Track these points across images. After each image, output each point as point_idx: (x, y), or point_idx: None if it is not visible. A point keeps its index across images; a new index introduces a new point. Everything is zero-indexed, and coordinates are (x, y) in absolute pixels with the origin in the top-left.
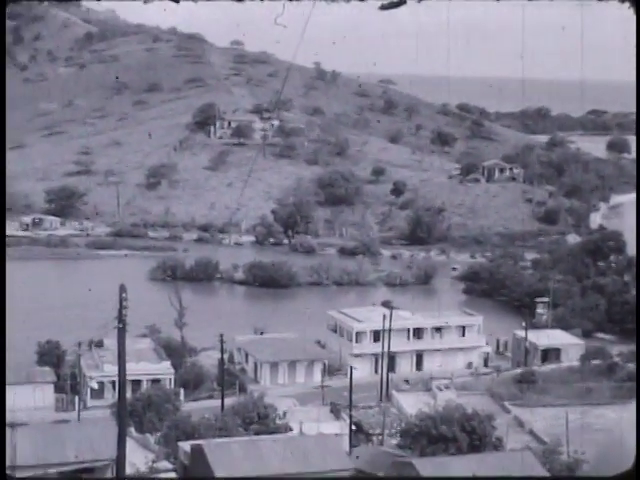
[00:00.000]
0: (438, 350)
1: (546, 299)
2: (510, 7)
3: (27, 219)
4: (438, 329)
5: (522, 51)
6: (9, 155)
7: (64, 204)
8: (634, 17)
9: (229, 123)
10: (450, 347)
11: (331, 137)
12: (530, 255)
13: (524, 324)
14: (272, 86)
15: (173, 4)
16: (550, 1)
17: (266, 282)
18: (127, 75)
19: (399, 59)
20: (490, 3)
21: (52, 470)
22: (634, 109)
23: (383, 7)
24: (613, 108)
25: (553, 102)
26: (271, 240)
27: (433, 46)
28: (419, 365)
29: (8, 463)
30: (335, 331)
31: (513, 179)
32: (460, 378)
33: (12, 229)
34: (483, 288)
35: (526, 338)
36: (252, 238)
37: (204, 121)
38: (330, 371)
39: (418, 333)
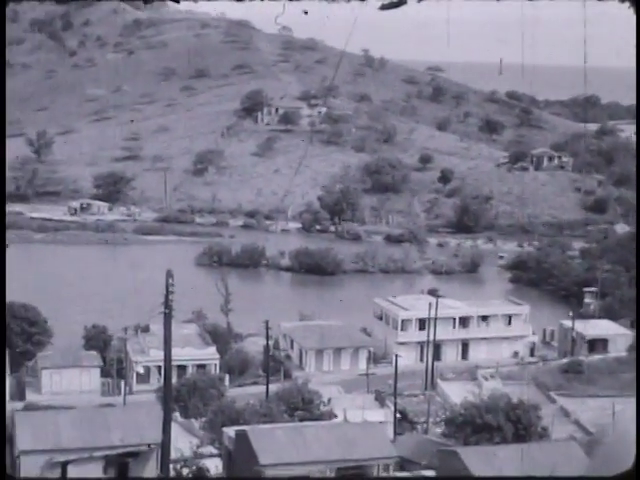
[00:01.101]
0: (484, 339)
1: (594, 289)
2: None
3: (75, 204)
4: (484, 318)
5: (573, 40)
6: (58, 139)
7: (112, 189)
8: (634, 17)
9: (276, 110)
10: (496, 336)
11: (378, 124)
12: (578, 244)
13: (571, 314)
14: (320, 73)
15: None
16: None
17: (312, 269)
18: (175, 61)
19: (447, 46)
20: None
21: (97, 453)
22: None
23: (383, 7)
24: None
25: (603, 90)
26: (317, 227)
27: (483, 34)
28: (465, 354)
29: (51, 446)
30: (381, 319)
31: (562, 167)
32: (506, 367)
33: (60, 214)
34: (530, 277)
35: (573, 328)
36: (298, 225)
37: (252, 107)
38: (375, 359)
39: (464, 322)
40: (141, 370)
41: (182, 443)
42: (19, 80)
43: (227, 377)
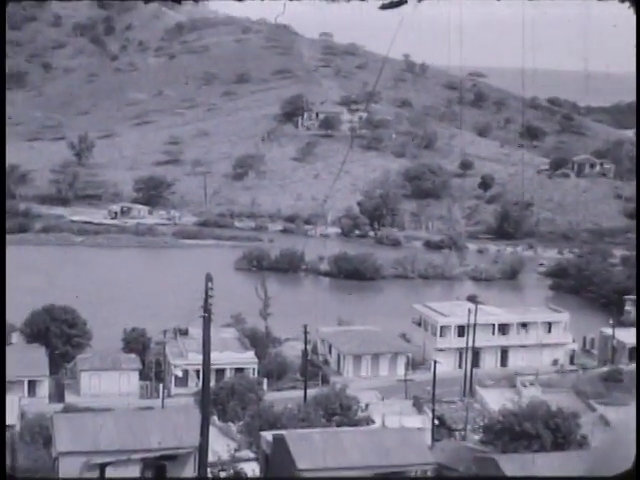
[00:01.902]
0: (523, 346)
1: (634, 297)
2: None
3: (116, 207)
4: (524, 325)
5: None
6: (99, 143)
7: (152, 193)
8: (634, 17)
9: (317, 114)
10: (536, 343)
11: (419, 130)
12: (619, 252)
13: (612, 322)
14: (361, 78)
15: None
16: (552, 0)
17: (351, 274)
18: (216, 66)
19: (489, 52)
20: None
21: (135, 456)
22: None
23: (383, 7)
24: None
25: None
26: (357, 232)
27: (525, 39)
28: (504, 361)
29: (90, 448)
30: (420, 325)
31: (603, 175)
32: (545, 375)
33: (100, 217)
34: (570, 284)
35: (613, 336)
36: (338, 230)
37: (292, 112)
38: (414, 365)
39: (503, 329)
40: (180, 373)
41: (220, 446)
42: (61, 84)
43: (265, 381)
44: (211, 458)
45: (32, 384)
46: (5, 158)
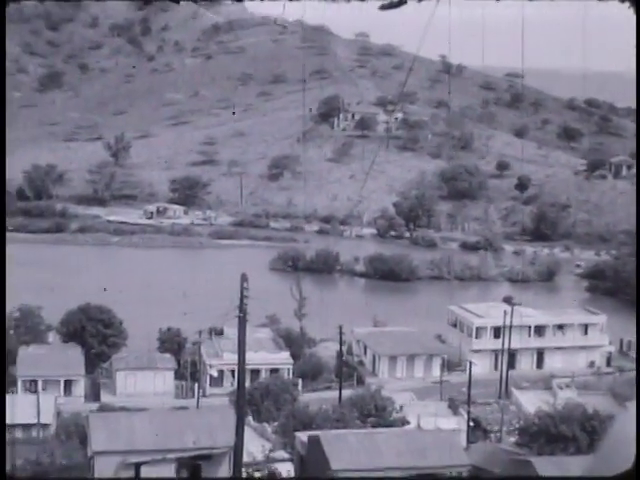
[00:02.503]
0: (559, 348)
1: None
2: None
3: (152, 207)
4: (560, 327)
5: None
6: (135, 143)
7: (188, 193)
8: (634, 17)
9: (353, 115)
10: (572, 345)
11: (455, 130)
12: None
13: None
14: (397, 78)
15: None
16: (551, 0)
17: (386, 275)
18: (252, 66)
19: (526, 52)
20: None
21: (170, 455)
22: None
23: (383, 7)
24: None
25: None
26: (392, 233)
27: (562, 40)
28: (540, 363)
29: (125, 447)
30: (455, 326)
31: None
32: (581, 377)
33: (136, 217)
34: (607, 286)
35: None
36: (373, 231)
37: (328, 113)
38: (449, 366)
39: (539, 330)
40: (215, 373)
41: (254, 447)
42: (97, 84)
43: (300, 382)
44: (246, 458)
45: (68, 383)
46: (5, 158)
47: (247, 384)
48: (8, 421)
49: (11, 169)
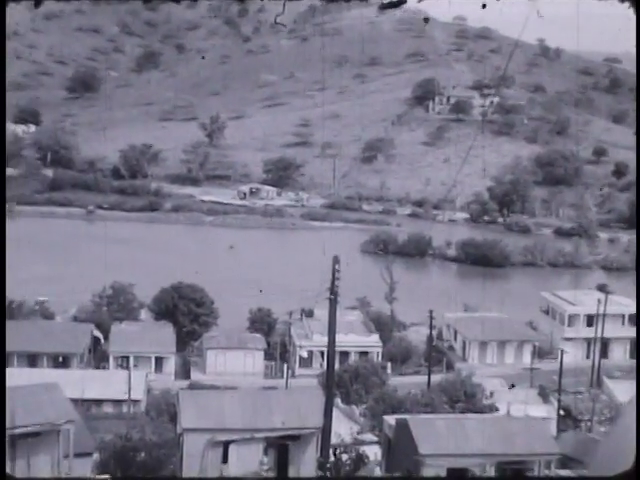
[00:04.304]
0: None
1: None
2: None
3: (245, 188)
4: None
5: None
6: (230, 124)
7: (281, 175)
8: (634, 17)
9: (448, 99)
10: None
11: (552, 115)
12: None
13: None
14: (493, 62)
15: None
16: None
17: (479, 260)
18: (348, 48)
19: (625, 37)
20: None
21: (258, 435)
22: None
23: (383, 6)
24: None
25: None
26: (486, 218)
27: None
28: (633, 352)
29: (214, 425)
30: (547, 313)
31: None
32: None
33: (230, 197)
34: None
35: None
36: (466, 215)
37: (423, 96)
38: (540, 354)
39: (634, 319)
40: (304, 354)
41: (342, 429)
42: (193, 65)
43: (389, 365)
44: (334, 440)
45: (159, 360)
46: (5, 155)
47: (336, 366)
48: (99, 396)
49: (107, 148)
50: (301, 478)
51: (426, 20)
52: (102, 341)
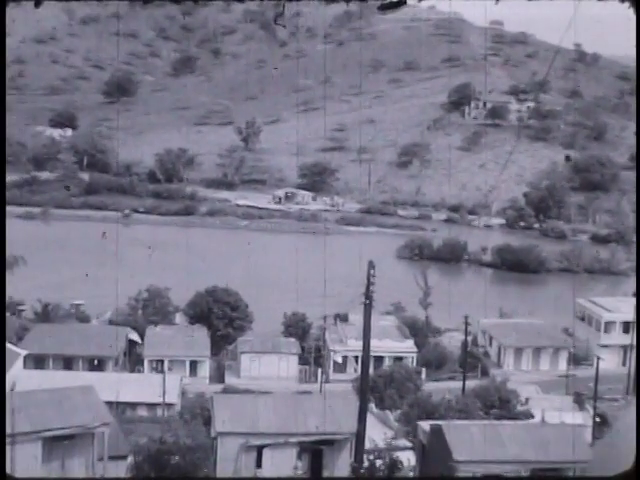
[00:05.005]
0: None
1: None
2: None
3: (280, 192)
4: None
5: None
6: (266, 129)
7: (316, 179)
8: (634, 17)
9: (484, 104)
10: None
11: (589, 121)
12: None
13: None
14: (530, 67)
15: None
16: (550, 1)
17: (514, 266)
18: (384, 53)
19: None
20: None
21: (293, 439)
22: None
23: (382, 7)
24: None
25: None
26: (521, 224)
27: None
28: None
29: (248, 429)
30: (583, 320)
31: None
32: None
33: (265, 202)
34: None
35: None
36: (502, 221)
37: (459, 101)
38: (576, 360)
39: None
40: (339, 359)
41: (376, 434)
42: (229, 70)
43: (424, 371)
44: (367, 445)
45: (193, 364)
46: (5, 156)
47: (371, 371)
48: (134, 399)
49: (143, 152)
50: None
51: (402, 3)
52: (139, 343)
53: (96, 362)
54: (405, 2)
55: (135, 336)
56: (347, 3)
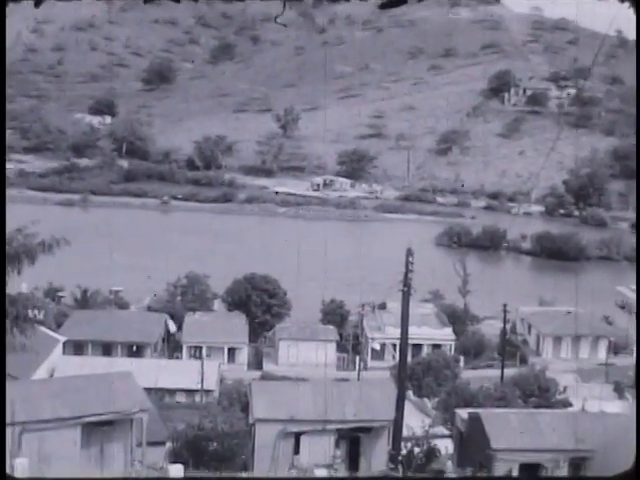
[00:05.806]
0: None
1: None
2: None
3: (318, 179)
4: None
5: None
6: (304, 116)
7: (355, 166)
8: (634, 17)
9: (524, 90)
10: None
11: (630, 108)
12: None
13: None
14: (570, 54)
15: None
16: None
17: (554, 254)
18: (423, 40)
19: None
20: None
21: (330, 427)
22: None
23: (383, 5)
24: None
25: None
26: (561, 211)
27: None
28: None
29: (286, 416)
30: (623, 308)
31: None
32: None
33: (303, 189)
34: None
35: None
36: (542, 208)
37: (499, 88)
38: (616, 349)
39: None
40: (377, 347)
41: (414, 422)
42: (268, 57)
43: (462, 359)
44: (405, 433)
45: (232, 351)
46: (5, 154)
47: (409, 359)
48: (172, 385)
49: (181, 139)
50: (364, 478)
51: (402, 1)
52: (171, 331)
53: (135, 348)
54: (405, 0)
55: (171, 324)
56: None
